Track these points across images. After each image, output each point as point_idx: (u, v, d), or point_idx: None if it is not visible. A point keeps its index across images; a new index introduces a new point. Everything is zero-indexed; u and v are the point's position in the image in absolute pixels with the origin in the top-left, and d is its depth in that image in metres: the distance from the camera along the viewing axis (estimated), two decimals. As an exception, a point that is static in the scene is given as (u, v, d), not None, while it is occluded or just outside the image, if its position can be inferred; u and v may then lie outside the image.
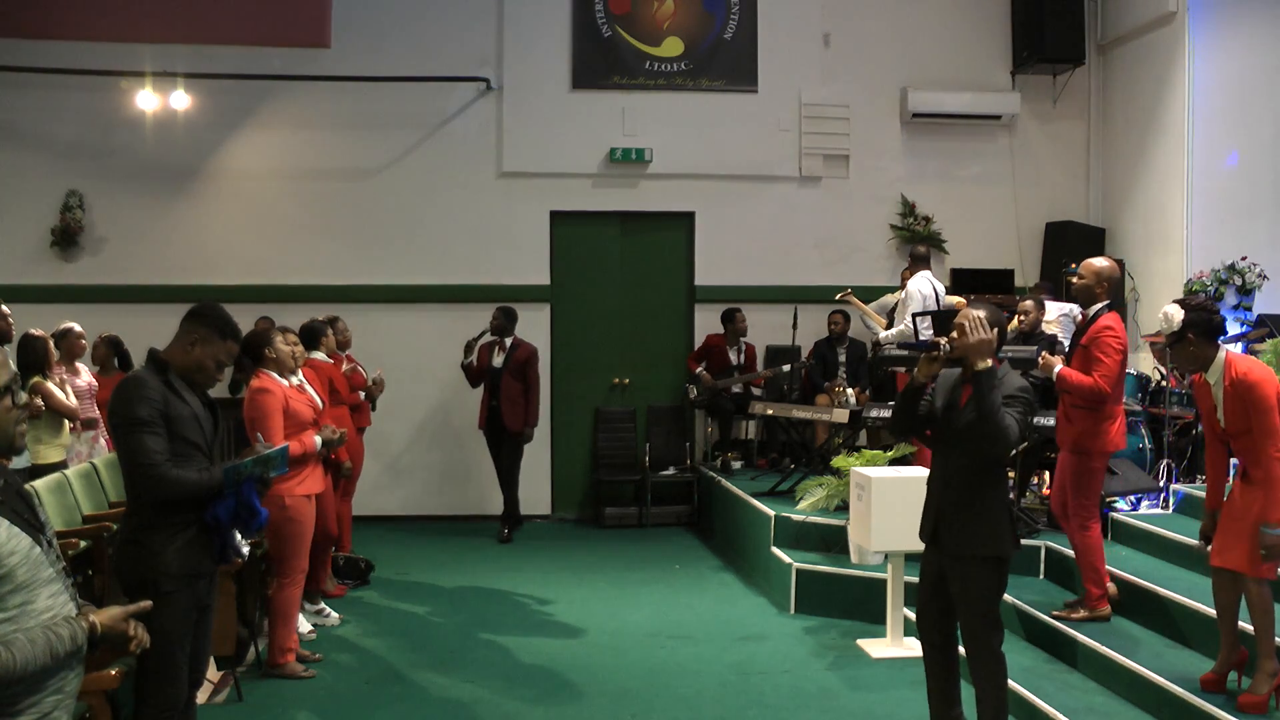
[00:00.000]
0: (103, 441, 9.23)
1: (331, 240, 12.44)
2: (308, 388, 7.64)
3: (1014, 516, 5.58)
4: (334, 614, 8.68)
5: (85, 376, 9.53)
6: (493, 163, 12.61)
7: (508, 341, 11.49)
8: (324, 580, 8.91)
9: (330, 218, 12.46)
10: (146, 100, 11.93)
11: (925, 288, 10.58)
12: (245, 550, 5.18)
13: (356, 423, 9.78)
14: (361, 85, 12.26)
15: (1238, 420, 5.90)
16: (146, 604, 3.71)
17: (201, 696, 5.85)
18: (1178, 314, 5.99)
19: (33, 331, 8.79)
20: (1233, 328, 10.80)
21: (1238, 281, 11.11)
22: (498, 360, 11.46)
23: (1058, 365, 7.22)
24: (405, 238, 12.53)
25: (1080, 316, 7.62)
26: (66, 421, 8.88)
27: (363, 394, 9.98)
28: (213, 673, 6.91)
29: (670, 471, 12.56)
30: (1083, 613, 7.34)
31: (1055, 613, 7.41)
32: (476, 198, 12.58)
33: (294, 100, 12.38)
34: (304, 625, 8.11)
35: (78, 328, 9.61)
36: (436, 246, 12.53)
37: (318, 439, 7.29)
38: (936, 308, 10.25)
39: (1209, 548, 6.13)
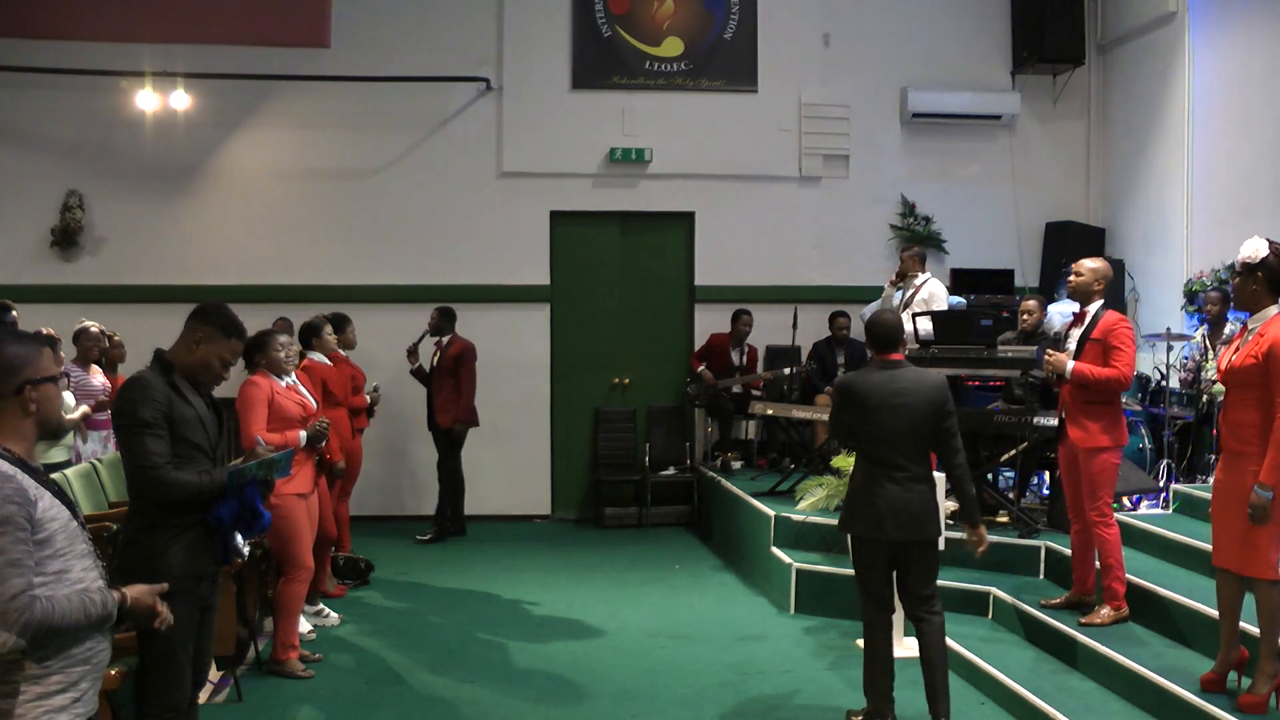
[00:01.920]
0: (113, 443, 9.20)
1: (331, 240, 12.45)
2: (301, 389, 7.63)
3: (854, 499, 6.34)
4: (333, 614, 8.69)
5: (100, 377, 9.53)
6: (493, 163, 12.62)
7: (444, 340, 11.53)
8: (323, 581, 8.91)
9: (330, 218, 12.47)
10: (146, 100, 11.93)
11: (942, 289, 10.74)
12: (245, 551, 5.18)
13: (355, 424, 9.79)
14: (361, 85, 12.27)
15: (1251, 373, 5.76)
16: (164, 585, 3.96)
17: (202, 697, 5.85)
18: (1263, 249, 5.87)
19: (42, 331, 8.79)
20: (1233, 325, 10.79)
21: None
22: (434, 360, 11.56)
23: (1070, 362, 7.21)
24: (405, 238, 12.54)
25: (1073, 315, 7.59)
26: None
27: (367, 396, 9.99)
28: (213, 673, 6.91)
29: (670, 472, 12.57)
30: (1108, 613, 7.26)
31: (1081, 620, 7.29)
32: (476, 198, 12.59)
33: (294, 100, 12.39)
34: (304, 625, 8.11)
35: (94, 328, 9.59)
36: (436, 246, 12.54)
37: (302, 434, 7.29)
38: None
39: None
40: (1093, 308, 7.33)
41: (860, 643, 7.94)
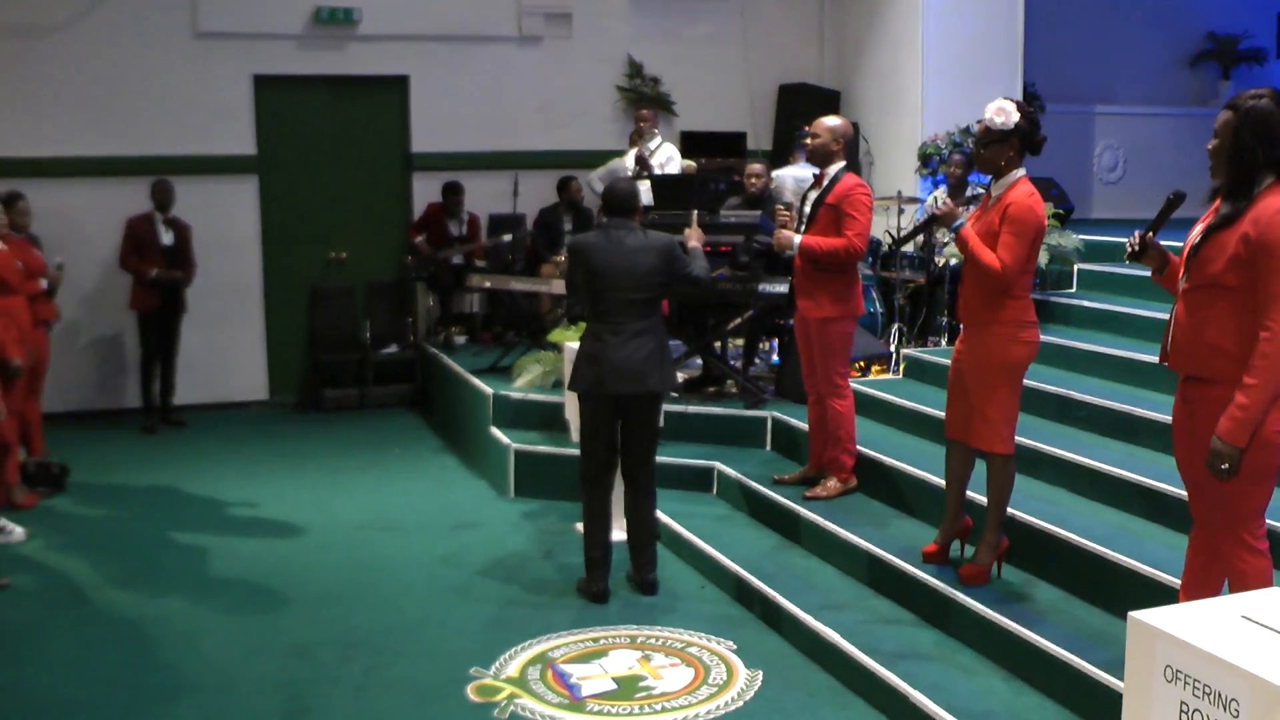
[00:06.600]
0: None
1: (5, 107, 11.21)
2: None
3: (580, 357, 6.51)
4: (18, 529, 7.84)
5: None
6: (187, 21, 11.52)
7: (171, 217, 10.87)
8: (7, 493, 8.12)
9: (3, 81, 11.21)
10: None
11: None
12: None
13: (39, 315, 8.90)
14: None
15: (988, 242, 5.49)
16: None
17: None
18: (1014, 114, 5.46)
19: None
20: (975, 190, 10.79)
21: (970, 144, 11.07)
22: (167, 239, 10.79)
23: (796, 238, 6.90)
24: (93, 104, 11.37)
25: (815, 179, 7.21)
26: None
27: (44, 282, 9.09)
28: None
29: (392, 349, 12.03)
30: (834, 485, 7.14)
31: (806, 494, 7.15)
32: (171, 60, 11.50)
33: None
34: (-17, 546, 7.33)
35: None
36: (129, 114, 11.43)
37: None
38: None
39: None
40: (832, 170, 6.97)
41: (579, 526, 7.65)
